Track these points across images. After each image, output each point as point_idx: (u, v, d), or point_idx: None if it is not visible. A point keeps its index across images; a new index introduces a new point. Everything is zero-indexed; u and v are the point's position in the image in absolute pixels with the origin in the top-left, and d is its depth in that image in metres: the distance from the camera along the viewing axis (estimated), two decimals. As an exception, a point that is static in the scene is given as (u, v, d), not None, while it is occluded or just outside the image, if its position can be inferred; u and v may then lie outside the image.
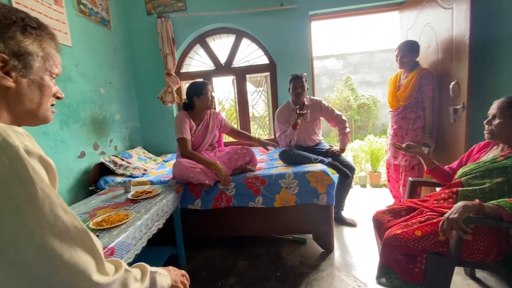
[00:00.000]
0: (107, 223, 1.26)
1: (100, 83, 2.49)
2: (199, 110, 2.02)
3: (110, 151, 2.56)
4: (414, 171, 2.13)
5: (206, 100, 1.98)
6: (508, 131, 1.18)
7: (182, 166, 1.84)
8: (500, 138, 1.21)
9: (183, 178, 1.89)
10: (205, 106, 2.00)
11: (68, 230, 0.47)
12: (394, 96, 2.20)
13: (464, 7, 1.77)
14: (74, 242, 0.47)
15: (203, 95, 1.96)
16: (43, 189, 0.45)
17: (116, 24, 2.81)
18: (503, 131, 1.19)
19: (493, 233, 1.12)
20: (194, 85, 2.01)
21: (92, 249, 0.50)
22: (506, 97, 1.20)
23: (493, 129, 1.21)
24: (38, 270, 0.44)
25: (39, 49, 0.56)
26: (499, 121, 1.19)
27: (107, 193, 1.80)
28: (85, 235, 0.50)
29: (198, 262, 1.93)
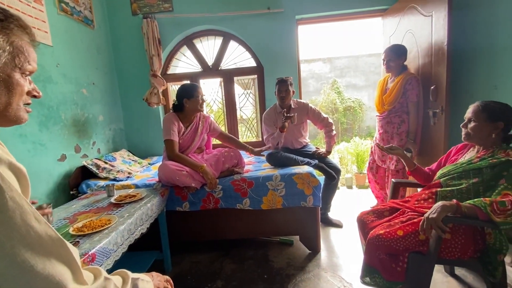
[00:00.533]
0: (88, 228, 1.22)
1: (83, 83, 2.42)
2: (188, 112, 2.00)
3: (93, 154, 2.48)
4: (399, 174, 2.19)
5: (196, 102, 1.96)
6: (482, 133, 1.23)
7: (168, 169, 1.82)
8: (476, 140, 1.27)
9: (169, 181, 1.86)
10: (195, 108, 1.98)
11: (41, 240, 0.45)
12: (380, 99, 2.25)
13: (443, 15, 1.85)
14: (48, 253, 0.45)
15: (194, 97, 1.94)
16: (13, 198, 0.43)
17: (100, 24, 2.74)
18: (478, 133, 1.24)
19: (469, 231, 1.17)
20: (185, 87, 1.99)
21: (68, 258, 0.48)
22: (480, 102, 1.26)
23: (469, 132, 1.27)
24: (10, 283, 0.42)
25: (5, 44, 0.52)
26: (474, 124, 1.24)
27: (89, 198, 1.74)
28: (60, 244, 0.48)
29: (184, 267, 1.90)
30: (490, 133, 1.21)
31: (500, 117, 1.20)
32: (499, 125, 1.20)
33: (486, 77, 1.89)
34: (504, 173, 1.13)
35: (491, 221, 1.03)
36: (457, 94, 2.10)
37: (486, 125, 1.21)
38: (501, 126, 1.20)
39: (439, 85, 1.95)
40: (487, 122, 1.21)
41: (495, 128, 1.20)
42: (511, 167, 1.12)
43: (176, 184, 1.87)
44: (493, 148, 1.22)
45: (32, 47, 0.58)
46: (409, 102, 2.10)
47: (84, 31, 2.50)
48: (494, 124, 1.20)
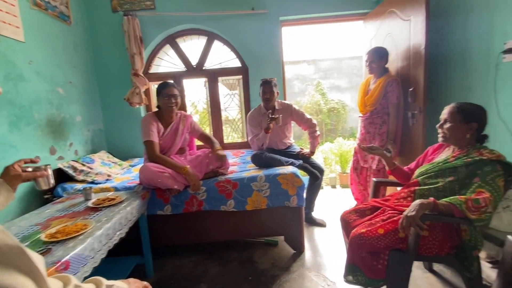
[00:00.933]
0: (62, 234, 1.15)
1: (58, 82, 2.31)
2: (163, 111, 1.96)
3: (69, 155, 2.37)
4: (380, 174, 2.24)
5: (163, 100, 1.91)
6: (458, 134, 1.28)
7: (149, 171, 1.76)
8: (452, 140, 1.32)
9: (150, 183, 1.81)
10: (164, 107, 1.93)
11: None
12: (363, 101, 2.30)
13: (420, 19, 1.92)
14: (5, 263, 0.42)
15: (162, 95, 1.90)
16: None
17: (77, 20, 2.63)
18: (454, 134, 1.28)
19: (446, 228, 1.21)
20: (159, 85, 1.96)
21: (29, 267, 0.45)
22: (455, 103, 1.31)
23: (445, 133, 1.31)
24: None
25: None
26: (450, 125, 1.29)
27: (64, 202, 1.66)
28: (19, 253, 0.44)
29: (167, 271, 1.85)
30: (465, 133, 1.26)
31: (474, 118, 1.25)
32: (473, 126, 1.24)
33: (461, 79, 1.98)
34: (478, 172, 1.18)
35: (466, 218, 1.07)
36: (434, 96, 2.18)
37: (461, 126, 1.26)
38: (475, 126, 1.24)
39: (417, 87, 2.02)
40: (462, 123, 1.25)
41: (469, 129, 1.25)
42: (484, 166, 1.17)
43: (157, 187, 1.82)
44: (468, 147, 1.27)
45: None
46: (389, 103, 2.16)
47: (59, 27, 2.39)
48: (469, 125, 1.25)
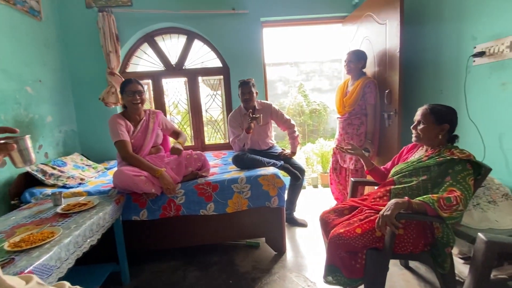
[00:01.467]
0: (26, 243, 1.07)
1: (27, 81, 2.18)
2: (128, 109, 1.91)
3: (39, 158, 2.23)
4: (358, 173, 2.29)
5: (128, 98, 1.85)
6: (430, 134, 1.32)
7: (124, 175, 1.68)
8: (425, 141, 1.36)
9: (125, 188, 1.73)
10: (129, 104, 1.88)
11: None
12: (341, 102, 2.34)
13: (395, 24, 1.98)
14: None
15: (125, 93, 1.85)
16: None
17: (48, 16, 2.49)
18: (427, 135, 1.33)
19: (420, 227, 1.24)
20: (121, 84, 1.91)
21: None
22: (428, 105, 1.36)
23: (419, 133, 1.35)
24: None
25: None
26: (423, 126, 1.33)
27: (31, 208, 1.55)
28: None
29: (144, 278, 1.78)
30: (437, 134, 1.31)
31: (446, 120, 1.30)
32: (445, 127, 1.29)
33: (433, 82, 2.06)
34: (449, 171, 1.22)
35: (439, 216, 1.10)
36: (409, 98, 2.26)
37: (433, 127, 1.30)
38: (446, 128, 1.29)
39: (392, 89, 2.08)
40: (435, 124, 1.30)
41: (441, 130, 1.30)
42: (455, 165, 1.21)
43: (133, 191, 1.75)
44: (440, 147, 1.32)
45: None
46: (367, 104, 2.22)
47: (29, 22, 2.25)
48: (441, 126, 1.30)
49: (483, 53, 1.60)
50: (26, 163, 0.84)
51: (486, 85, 1.63)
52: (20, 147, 0.78)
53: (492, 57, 1.56)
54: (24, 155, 0.82)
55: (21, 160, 0.81)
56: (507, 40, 1.46)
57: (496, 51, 1.53)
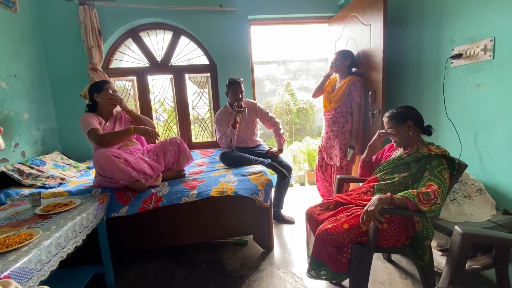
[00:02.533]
0: (2, 246, 1.02)
1: (1, 75, 2.07)
2: (102, 108, 1.88)
3: (15, 157, 2.13)
4: (343, 171, 2.34)
5: (106, 95, 1.85)
6: (402, 135, 1.41)
7: (102, 155, 1.62)
8: (402, 143, 1.44)
9: (106, 173, 1.67)
10: (106, 102, 1.86)
11: None
12: (327, 98, 2.39)
13: (379, 25, 2.03)
14: None
15: (104, 90, 1.85)
16: None
17: (25, 7, 2.37)
18: (400, 137, 1.42)
19: (402, 221, 1.29)
20: (93, 84, 1.91)
21: None
22: (386, 113, 1.47)
23: (396, 139, 1.45)
24: None
25: None
26: (393, 131, 1.43)
27: (7, 209, 1.48)
28: None
29: (129, 279, 1.74)
30: (407, 132, 1.39)
31: (406, 117, 1.39)
32: (409, 124, 1.39)
33: (414, 82, 2.14)
34: (427, 166, 1.28)
35: (419, 210, 1.15)
36: (392, 97, 2.33)
37: (400, 128, 1.40)
38: (411, 124, 1.39)
39: (376, 89, 2.14)
40: (400, 125, 1.40)
41: (408, 127, 1.39)
42: (432, 160, 1.27)
43: (114, 179, 1.69)
44: (418, 144, 1.38)
45: None
46: (353, 102, 2.27)
47: (3, 14, 2.14)
48: (405, 124, 1.39)
49: (460, 55, 1.68)
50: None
51: (463, 85, 1.71)
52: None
53: (468, 59, 1.64)
54: None
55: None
56: (481, 43, 1.54)
57: (472, 53, 1.60)
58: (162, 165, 1.87)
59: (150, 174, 1.78)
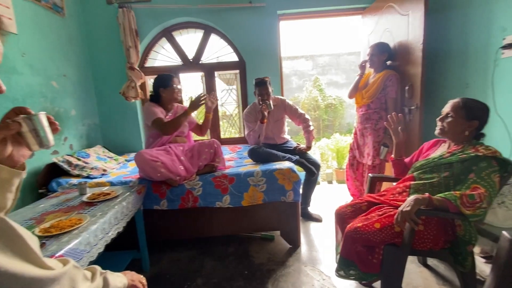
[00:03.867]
0: (56, 229, 1.14)
1: (52, 75, 2.27)
2: (165, 102, 2.01)
3: (64, 150, 2.35)
4: (375, 169, 2.25)
5: (172, 91, 1.97)
6: (457, 129, 1.26)
7: (142, 158, 1.77)
8: (449, 135, 1.30)
9: (144, 172, 1.82)
10: (172, 97, 1.99)
11: None
12: (360, 93, 2.30)
13: (419, 15, 1.90)
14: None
15: (170, 86, 1.96)
16: None
17: (71, 12, 2.58)
18: (453, 129, 1.27)
19: (441, 223, 1.22)
20: (161, 77, 2.01)
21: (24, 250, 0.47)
22: (461, 98, 1.28)
23: (445, 126, 1.29)
24: None
25: None
26: (451, 120, 1.27)
27: (59, 196, 1.64)
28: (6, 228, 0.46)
29: (163, 265, 1.85)
30: (464, 130, 1.25)
31: (476, 116, 1.23)
32: (474, 124, 1.24)
33: (458, 75, 1.98)
34: (473, 168, 1.18)
35: (461, 213, 1.08)
36: (432, 92, 2.18)
37: (462, 122, 1.24)
38: (475, 125, 1.24)
39: (414, 83, 2.02)
40: (464, 120, 1.24)
41: (469, 126, 1.24)
42: (480, 162, 1.17)
43: (151, 178, 1.81)
44: (464, 144, 1.27)
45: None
46: (388, 98, 2.16)
47: (53, 19, 2.34)
48: (470, 122, 1.24)
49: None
50: (42, 145, 0.66)
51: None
52: (33, 126, 0.63)
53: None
54: (39, 136, 0.65)
55: (35, 141, 0.64)
56: (541, 31, 1.38)
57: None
58: (196, 167, 1.94)
59: (184, 175, 1.86)
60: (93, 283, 0.60)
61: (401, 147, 1.53)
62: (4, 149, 0.60)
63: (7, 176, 0.60)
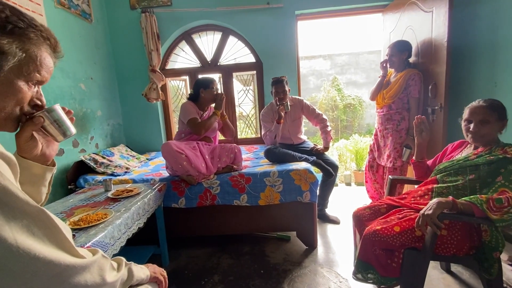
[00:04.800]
0: (84, 222, 1.22)
1: (80, 78, 2.41)
2: (203, 102, 2.10)
3: (90, 148, 2.48)
4: (396, 172, 2.18)
5: (211, 93, 2.07)
6: (494, 133, 1.21)
7: (168, 148, 1.83)
8: (485, 139, 1.22)
9: (168, 161, 1.90)
10: (210, 98, 2.09)
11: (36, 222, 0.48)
12: (381, 93, 2.24)
13: (443, 11, 1.83)
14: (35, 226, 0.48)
15: (210, 88, 2.07)
16: (6, 188, 0.44)
17: (98, 18, 2.72)
18: (492, 134, 1.21)
19: (465, 228, 1.17)
20: (203, 79, 2.14)
21: (59, 239, 0.51)
22: (483, 101, 1.21)
23: (483, 134, 1.20)
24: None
25: (18, 51, 0.52)
26: (489, 126, 1.19)
27: (86, 192, 1.74)
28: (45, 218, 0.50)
29: (181, 261, 1.91)
30: (499, 130, 1.21)
31: (505, 115, 1.20)
32: (505, 123, 1.20)
33: (486, 74, 1.88)
34: (501, 170, 1.12)
35: (487, 218, 1.03)
36: (456, 91, 2.09)
37: (497, 124, 1.20)
38: (506, 124, 1.20)
39: (438, 82, 1.94)
40: (498, 122, 1.20)
41: (503, 126, 1.21)
42: (509, 164, 1.11)
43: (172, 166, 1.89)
44: (491, 145, 1.21)
45: (52, 58, 0.59)
46: (410, 97, 2.08)
47: (82, 25, 2.48)
48: (502, 122, 1.20)
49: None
50: (65, 135, 0.70)
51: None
52: (53, 118, 0.66)
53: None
54: (61, 126, 0.69)
55: (59, 132, 0.69)
56: None
57: None
58: (216, 167, 2.00)
59: (203, 173, 1.91)
60: (119, 273, 0.64)
61: (423, 149, 1.48)
62: (35, 146, 0.66)
63: (41, 171, 0.68)
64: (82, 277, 0.52)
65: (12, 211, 0.44)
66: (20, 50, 0.52)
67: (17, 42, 0.52)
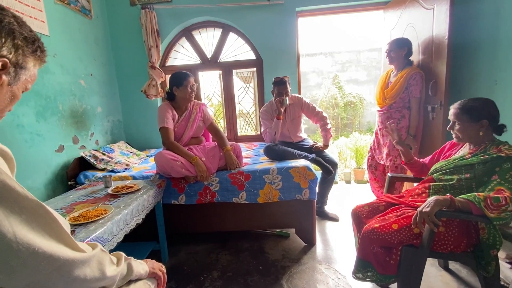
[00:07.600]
0: (84, 218, 1.23)
1: (80, 74, 2.41)
2: (179, 101, 1.98)
3: (91, 145, 2.49)
4: (397, 170, 2.17)
5: (185, 91, 1.92)
6: (469, 133, 1.23)
7: (163, 158, 1.81)
8: (466, 140, 1.27)
9: (163, 171, 1.86)
10: (184, 97, 1.94)
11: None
12: (381, 93, 2.22)
13: (444, 8, 1.82)
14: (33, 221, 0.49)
15: (183, 86, 1.91)
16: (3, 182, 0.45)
17: (98, 14, 2.71)
18: (466, 134, 1.24)
19: (463, 225, 1.17)
20: (175, 76, 1.95)
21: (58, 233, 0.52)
22: (458, 103, 1.26)
23: (457, 134, 1.27)
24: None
25: (32, 68, 0.62)
26: (459, 127, 1.25)
27: (86, 188, 1.75)
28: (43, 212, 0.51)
29: (181, 257, 1.92)
30: (477, 131, 1.21)
31: (482, 115, 1.19)
32: (483, 123, 1.19)
33: (487, 71, 1.87)
34: (496, 169, 1.13)
35: (484, 216, 1.03)
36: (457, 89, 2.08)
37: (470, 125, 1.21)
38: (485, 124, 1.19)
39: (438, 80, 1.94)
40: (471, 123, 1.21)
41: (480, 127, 1.20)
42: (503, 163, 1.12)
43: (170, 175, 1.87)
44: (485, 144, 1.22)
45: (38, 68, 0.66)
46: (411, 97, 2.07)
47: (81, 21, 2.47)
48: (479, 123, 1.20)
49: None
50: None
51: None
52: None
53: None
54: None
55: None
56: None
57: None
58: (216, 167, 1.97)
59: None
60: (119, 267, 0.65)
61: (408, 154, 1.54)
62: None
63: None
64: (81, 271, 0.53)
65: (11, 206, 0.45)
66: (33, 67, 0.62)
67: (34, 61, 0.62)
